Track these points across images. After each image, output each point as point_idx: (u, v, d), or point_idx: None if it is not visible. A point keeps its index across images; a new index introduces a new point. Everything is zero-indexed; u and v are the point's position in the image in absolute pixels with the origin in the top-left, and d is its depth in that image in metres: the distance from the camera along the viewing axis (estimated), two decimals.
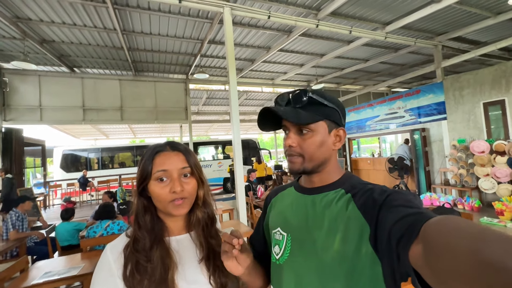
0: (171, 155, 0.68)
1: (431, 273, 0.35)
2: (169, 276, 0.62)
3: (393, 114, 6.81)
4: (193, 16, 4.42)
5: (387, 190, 0.56)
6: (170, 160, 0.67)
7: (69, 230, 3.36)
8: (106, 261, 0.64)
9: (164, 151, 0.68)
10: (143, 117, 6.98)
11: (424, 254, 0.36)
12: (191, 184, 0.68)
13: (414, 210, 0.45)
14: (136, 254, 0.63)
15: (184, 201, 0.67)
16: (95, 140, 14.79)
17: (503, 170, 4.46)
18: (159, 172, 0.65)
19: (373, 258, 0.52)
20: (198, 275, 0.67)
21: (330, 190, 0.64)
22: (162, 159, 0.67)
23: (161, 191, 0.65)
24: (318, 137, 0.63)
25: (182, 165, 0.67)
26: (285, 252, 0.65)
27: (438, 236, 0.35)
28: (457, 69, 8.12)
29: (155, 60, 6.20)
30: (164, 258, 0.64)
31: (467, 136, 5.20)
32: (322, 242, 0.58)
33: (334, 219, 0.58)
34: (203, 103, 9.97)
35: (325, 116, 0.63)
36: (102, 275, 0.62)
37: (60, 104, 6.17)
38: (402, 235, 0.42)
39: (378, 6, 4.32)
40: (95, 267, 0.64)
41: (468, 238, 0.31)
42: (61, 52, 5.45)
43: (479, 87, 5.02)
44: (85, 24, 4.46)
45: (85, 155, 9.99)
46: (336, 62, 7.07)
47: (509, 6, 4.42)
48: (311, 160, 0.63)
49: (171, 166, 0.66)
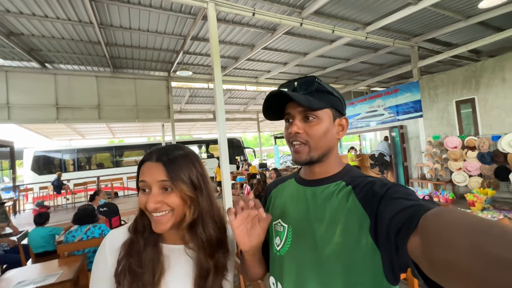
0: (152, 166, 0.63)
1: (429, 265, 0.35)
2: (155, 280, 0.62)
3: (373, 112, 7.06)
4: (176, 11, 4.29)
5: (387, 183, 0.56)
6: (150, 170, 0.62)
7: (44, 236, 3.15)
8: (103, 253, 0.65)
9: (148, 160, 0.64)
10: (123, 116, 6.70)
11: (422, 246, 0.36)
12: (171, 198, 0.62)
13: (414, 202, 0.46)
14: (129, 258, 0.62)
15: (165, 216, 0.62)
16: (69, 140, 14.03)
17: (474, 164, 4.76)
18: (140, 182, 0.63)
19: (373, 250, 0.52)
20: (184, 286, 0.65)
21: (331, 182, 0.64)
22: (145, 168, 0.63)
23: (141, 201, 0.63)
24: (323, 124, 0.63)
25: (160, 178, 0.61)
26: (286, 244, 0.65)
27: (437, 228, 0.35)
28: (431, 69, 8.56)
29: (135, 56, 5.97)
30: (155, 262, 0.63)
31: (441, 132, 5.50)
32: (323, 234, 0.58)
33: (334, 211, 0.59)
34: (186, 102, 9.76)
35: (331, 104, 0.64)
36: (100, 267, 0.64)
37: (31, 102, 5.76)
38: (401, 227, 0.43)
39: (359, 6, 4.43)
40: (95, 258, 0.66)
41: (468, 230, 0.31)
42: (30, 46, 5.09)
43: (451, 86, 5.32)
44: (58, 17, 4.18)
45: (59, 156, 9.45)
46: (318, 61, 7.19)
47: (478, 10, 4.71)
48: (317, 149, 0.63)
49: (149, 177, 0.62)
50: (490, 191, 3.61)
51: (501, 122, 4.62)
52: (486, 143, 4.53)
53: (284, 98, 0.64)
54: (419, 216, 0.40)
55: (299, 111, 0.63)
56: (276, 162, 13.37)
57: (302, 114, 0.63)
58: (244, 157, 11.99)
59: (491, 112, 4.75)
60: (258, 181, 5.63)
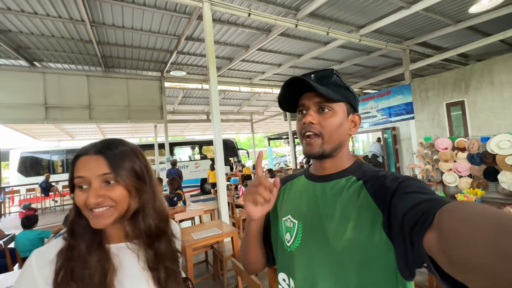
0: (91, 160, 0.59)
1: (446, 261, 0.34)
2: (107, 280, 0.57)
3: (366, 114, 7.15)
4: (170, 10, 4.25)
5: (399, 177, 0.55)
6: (89, 165, 0.59)
7: (32, 239, 3.02)
8: (29, 270, 0.56)
9: (85, 154, 0.60)
10: (114, 116, 6.57)
11: (439, 242, 0.36)
12: (115, 192, 0.59)
13: (428, 197, 0.45)
14: (72, 263, 0.56)
15: (107, 211, 0.58)
16: (58, 141, 13.68)
17: (464, 165, 4.87)
18: (77, 178, 0.58)
19: (387, 245, 0.51)
20: (138, 282, 0.63)
21: (342, 177, 0.63)
22: (81, 163, 0.59)
23: (78, 199, 0.58)
24: (338, 117, 0.62)
25: (102, 171, 0.58)
26: (296, 240, 0.64)
27: (453, 223, 0.34)
28: (422, 73, 8.75)
29: (127, 55, 5.87)
30: (103, 262, 0.59)
31: (432, 134, 5.62)
32: (334, 230, 0.57)
33: (345, 207, 0.58)
34: (179, 102, 9.66)
35: (346, 99, 0.63)
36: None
37: (18, 101, 5.58)
38: (416, 223, 0.42)
39: (353, 9, 4.49)
40: (17, 277, 0.56)
41: (486, 227, 0.30)
42: (18, 43, 4.93)
43: (442, 89, 5.45)
44: (48, 14, 4.07)
45: (48, 157, 9.17)
46: (313, 63, 7.25)
47: (467, 15, 4.85)
48: (330, 141, 0.62)
49: (88, 172, 0.58)
50: (479, 191, 3.69)
51: (490, 124, 4.75)
52: (475, 145, 4.64)
53: (301, 89, 0.64)
54: (434, 211, 0.39)
55: (315, 102, 0.62)
56: (269, 163, 13.38)
57: (317, 106, 0.63)
58: (238, 158, 11.93)
59: (480, 114, 4.88)
60: None
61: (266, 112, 12.71)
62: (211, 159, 10.83)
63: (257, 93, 9.86)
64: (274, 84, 8.94)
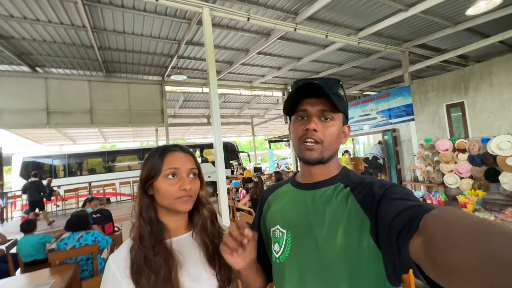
0: (182, 156, 0.74)
1: (431, 267, 0.35)
2: (173, 276, 0.65)
3: (366, 116, 7.15)
4: (170, 16, 4.29)
5: (386, 184, 0.56)
6: (181, 160, 0.73)
7: (34, 244, 3.04)
8: (111, 272, 0.65)
9: (175, 151, 0.74)
10: (116, 120, 6.61)
11: (424, 248, 0.36)
12: (196, 184, 0.74)
13: (413, 203, 0.46)
14: (144, 250, 0.66)
15: (190, 199, 0.72)
16: (60, 145, 13.73)
17: (465, 166, 4.86)
18: (171, 169, 0.70)
19: (375, 252, 0.52)
20: (202, 272, 0.71)
21: (330, 184, 0.64)
22: (174, 158, 0.72)
23: (170, 187, 0.69)
24: (336, 127, 0.64)
25: (191, 166, 0.74)
26: (286, 250, 0.63)
27: (438, 229, 0.35)
28: (421, 74, 8.77)
29: (128, 60, 5.92)
30: (167, 259, 0.66)
31: (433, 135, 5.61)
32: (324, 237, 0.57)
33: (334, 214, 0.58)
34: (180, 106, 9.71)
35: (344, 110, 0.64)
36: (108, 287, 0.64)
37: (20, 106, 5.64)
38: (402, 228, 0.43)
39: (352, 12, 4.52)
40: (101, 281, 0.66)
41: (470, 231, 0.31)
42: (21, 49, 4.99)
43: (442, 90, 5.45)
44: (50, 20, 4.13)
45: (50, 162, 9.21)
46: (312, 66, 7.28)
47: (466, 17, 4.87)
48: (328, 149, 0.63)
49: (182, 165, 0.72)
50: (481, 193, 3.69)
51: (489, 125, 4.74)
52: (476, 146, 4.63)
53: (305, 93, 0.62)
54: (419, 217, 0.40)
55: (319, 110, 0.62)
56: (270, 166, 13.37)
57: (320, 113, 0.63)
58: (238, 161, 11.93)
59: (480, 115, 4.88)
60: (256, 184, 5.60)
61: (266, 114, 12.74)
62: (212, 162, 10.84)
63: (257, 96, 9.90)
64: (274, 87, 8.97)
